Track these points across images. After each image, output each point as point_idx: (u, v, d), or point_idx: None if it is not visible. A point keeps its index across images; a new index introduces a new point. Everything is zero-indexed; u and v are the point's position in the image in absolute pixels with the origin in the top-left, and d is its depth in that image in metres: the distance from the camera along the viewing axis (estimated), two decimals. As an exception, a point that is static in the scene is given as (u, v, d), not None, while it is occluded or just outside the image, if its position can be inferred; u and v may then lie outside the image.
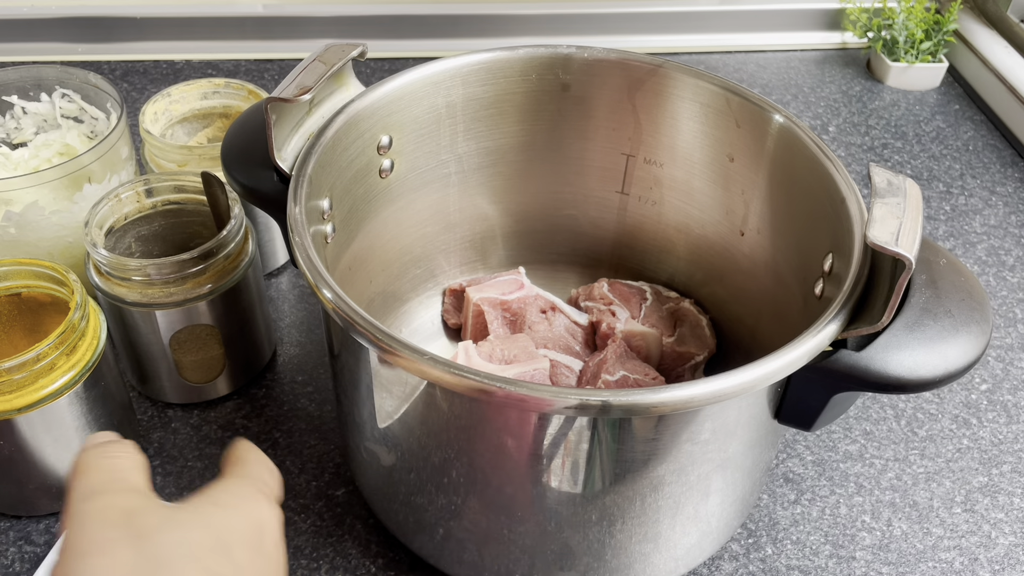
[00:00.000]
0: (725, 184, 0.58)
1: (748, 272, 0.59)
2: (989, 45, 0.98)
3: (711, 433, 0.42)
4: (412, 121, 0.56)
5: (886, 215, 0.40)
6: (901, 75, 0.98)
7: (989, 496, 0.60)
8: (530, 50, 0.58)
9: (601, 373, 0.58)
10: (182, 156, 0.65)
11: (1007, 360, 0.70)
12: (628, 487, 0.44)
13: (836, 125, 0.94)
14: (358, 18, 0.98)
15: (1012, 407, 0.66)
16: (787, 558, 0.56)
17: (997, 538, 0.58)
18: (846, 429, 0.64)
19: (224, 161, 0.51)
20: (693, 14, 1.02)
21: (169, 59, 0.97)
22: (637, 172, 0.62)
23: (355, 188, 0.54)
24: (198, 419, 0.62)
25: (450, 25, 1.00)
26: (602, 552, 0.47)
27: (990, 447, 0.63)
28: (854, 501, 0.60)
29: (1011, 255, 0.79)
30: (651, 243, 0.65)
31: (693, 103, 0.57)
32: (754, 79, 1.00)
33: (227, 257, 0.58)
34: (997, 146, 0.92)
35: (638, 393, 0.37)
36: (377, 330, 0.39)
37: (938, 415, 0.65)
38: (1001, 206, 0.85)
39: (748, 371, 0.38)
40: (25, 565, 0.54)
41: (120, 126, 0.64)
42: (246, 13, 0.97)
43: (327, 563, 0.54)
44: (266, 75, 0.96)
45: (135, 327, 0.59)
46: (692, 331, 0.63)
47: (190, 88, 0.71)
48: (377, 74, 0.97)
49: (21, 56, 0.96)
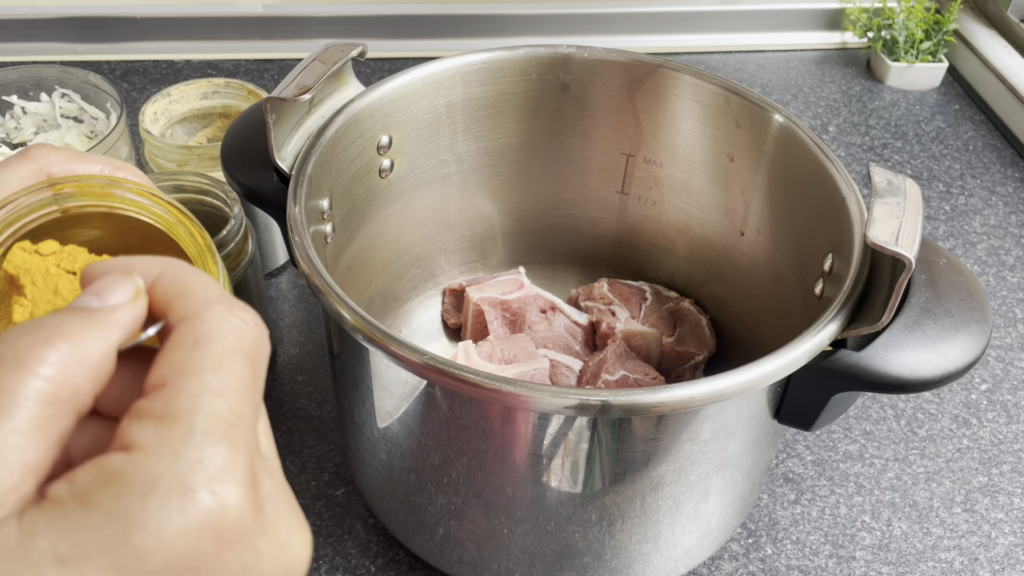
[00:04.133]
0: (725, 184, 0.58)
1: (748, 272, 0.59)
2: (989, 45, 0.98)
3: (711, 433, 0.42)
4: (412, 121, 0.56)
5: (886, 215, 0.40)
6: (901, 75, 0.98)
7: (989, 496, 0.60)
8: (530, 50, 0.58)
9: (601, 373, 0.58)
10: (182, 156, 0.65)
11: (1007, 360, 0.70)
12: (628, 487, 0.44)
13: (836, 125, 0.94)
14: (358, 18, 0.98)
15: (1012, 407, 0.66)
16: (787, 558, 0.56)
17: (997, 538, 0.58)
18: (846, 429, 0.64)
19: (224, 161, 0.51)
20: (693, 14, 1.02)
21: (169, 59, 0.97)
22: (637, 172, 0.62)
23: (355, 188, 0.54)
24: (198, 419, 0.62)
25: (450, 25, 1.00)
26: (602, 552, 0.47)
27: (990, 447, 0.63)
28: (854, 501, 0.60)
29: (1011, 255, 0.79)
30: (651, 243, 0.65)
31: (693, 103, 0.57)
32: (754, 79, 1.00)
33: (227, 257, 0.58)
34: (997, 146, 0.92)
35: (638, 393, 0.37)
36: (377, 330, 0.39)
37: (938, 415, 0.65)
38: (1001, 206, 0.85)
39: (748, 371, 0.38)
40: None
41: (120, 126, 0.64)
42: (246, 13, 0.97)
43: (327, 563, 0.54)
44: (266, 75, 0.96)
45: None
46: (692, 331, 0.63)
47: (190, 88, 0.71)
48: (377, 74, 0.97)
49: (21, 56, 0.96)
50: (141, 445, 0.21)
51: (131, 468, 0.20)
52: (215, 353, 0.22)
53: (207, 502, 0.20)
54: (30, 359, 0.21)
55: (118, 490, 0.20)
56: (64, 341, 0.22)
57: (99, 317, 0.23)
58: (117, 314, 0.23)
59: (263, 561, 0.22)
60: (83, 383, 0.22)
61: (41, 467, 0.21)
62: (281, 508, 0.23)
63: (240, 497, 0.21)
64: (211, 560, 0.21)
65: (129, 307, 0.23)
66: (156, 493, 0.20)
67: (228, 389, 0.22)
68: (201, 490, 0.20)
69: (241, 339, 0.23)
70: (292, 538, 0.23)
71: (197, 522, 0.20)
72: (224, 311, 0.23)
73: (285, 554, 0.23)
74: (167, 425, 0.21)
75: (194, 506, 0.20)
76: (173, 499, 0.20)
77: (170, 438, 0.21)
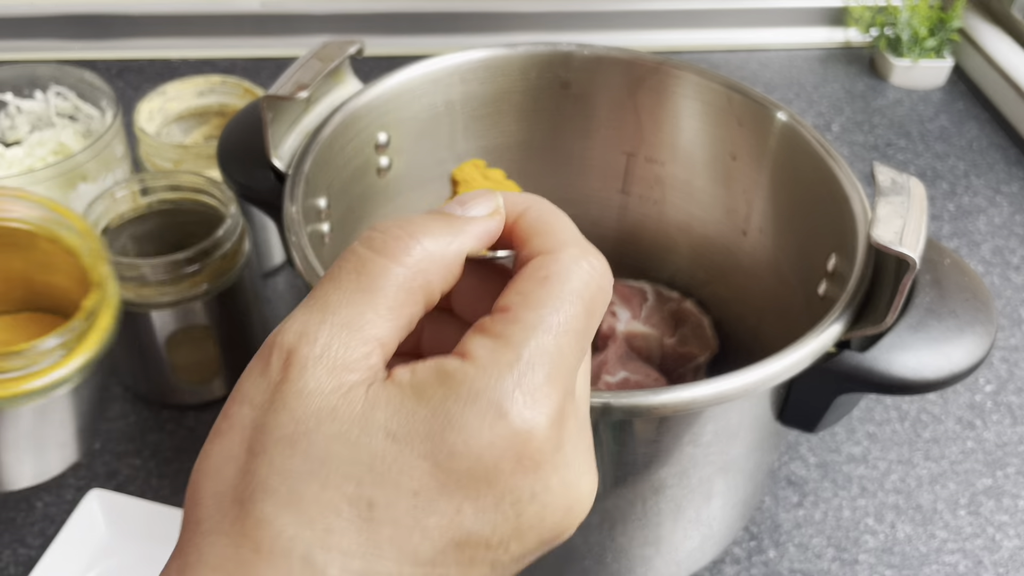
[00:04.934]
0: (727, 183, 0.58)
1: (750, 272, 0.59)
2: (994, 43, 0.97)
3: (713, 435, 0.42)
4: (410, 119, 0.56)
5: (890, 214, 0.40)
6: (905, 73, 0.98)
7: (994, 498, 0.60)
8: (530, 47, 0.57)
9: (602, 374, 0.57)
10: (178, 155, 0.65)
11: (1012, 361, 0.69)
12: (629, 490, 0.43)
13: (839, 123, 0.93)
14: (355, 15, 0.98)
15: (1017, 408, 0.66)
16: (790, 561, 0.56)
17: (1002, 541, 0.57)
18: (850, 431, 0.63)
19: (220, 159, 0.50)
20: (695, 11, 1.01)
21: (165, 57, 0.97)
22: (638, 171, 0.62)
23: (353, 187, 0.54)
24: (193, 420, 0.62)
25: (449, 22, 0.99)
26: (603, 556, 0.46)
27: (995, 449, 0.63)
28: (858, 504, 0.59)
29: (1016, 255, 0.79)
30: (652, 242, 0.65)
31: (695, 101, 0.57)
32: (757, 77, 0.99)
33: (223, 257, 0.58)
34: (1002, 145, 0.91)
35: (639, 395, 0.37)
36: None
37: (942, 417, 0.65)
38: (1006, 205, 0.84)
39: (751, 372, 0.38)
40: (19, 568, 0.53)
41: (115, 124, 0.64)
42: (242, 10, 0.97)
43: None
44: (262, 73, 0.96)
45: (130, 328, 0.58)
46: (694, 331, 0.62)
47: (186, 86, 0.70)
48: (375, 71, 0.96)
49: (15, 54, 0.95)
50: (475, 358, 0.23)
51: (461, 376, 0.23)
52: (559, 293, 0.24)
53: (516, 426, 0.22)
54: (397, 249, 0.24)
55: (446, 392, 0.22)
56: (427, 238, 0.24)
57: (458, 224, 0.25)
58: (473, 224, 0.26)
59: (550, 494, 0.23)
60: (435, 279, 0.24)
61: (389, 344, 0.24)
62: (580, 449, 0.25)
63: (545, 429, 0.23)
64: (505, 479, 0.23)
65: (484, 221, 0.26)
66: (476, 405, 0.22)
67: (561, 329, 0.24)
68: (513, 415, 0.22)
69: (586, 285, 0.25)
70: (581, 479, 0.24)
71: (502, 441, 0.22)
72: (577, 255, 0.25)
73: (571, 493, 0.24)
74: (500, 347, 0.23)
75: (503, 427, 0.22)
76: (488, 416, 0.22)
77: (499, 360, 0.23)
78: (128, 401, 0.63)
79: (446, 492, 0.22)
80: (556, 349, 0.24)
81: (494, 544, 0.23)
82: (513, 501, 0.23)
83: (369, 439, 0.22)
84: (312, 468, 0.22)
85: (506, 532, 0.23)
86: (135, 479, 0.58)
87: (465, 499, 0.22)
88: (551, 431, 0.23)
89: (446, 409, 0.22)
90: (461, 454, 0.22)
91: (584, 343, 0.25)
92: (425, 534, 0.22)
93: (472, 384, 0.23)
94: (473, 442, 0.22)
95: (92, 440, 0.60)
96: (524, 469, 0.23)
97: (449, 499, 0.22)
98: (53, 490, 0.57)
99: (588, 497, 0.25)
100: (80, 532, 0.53)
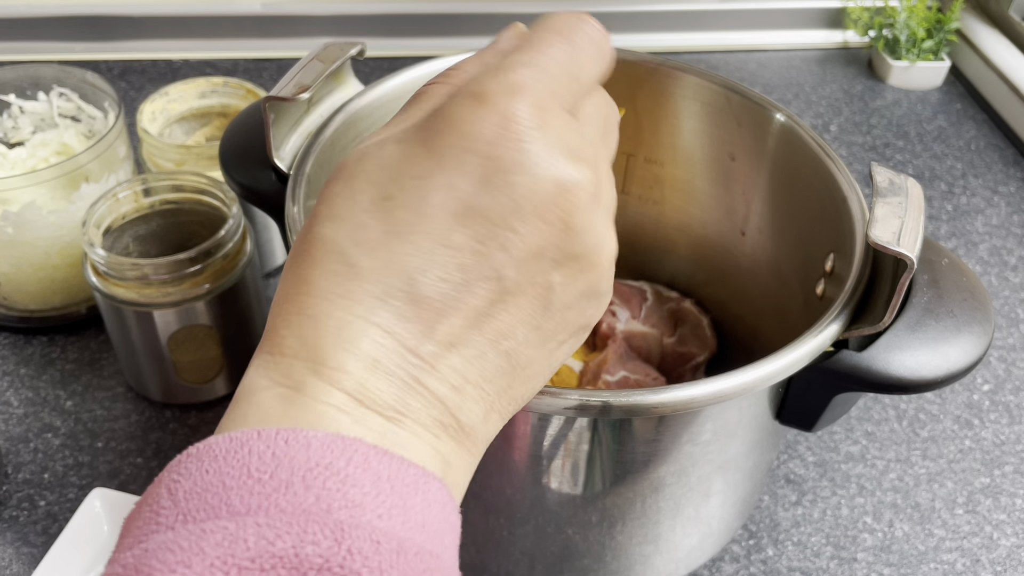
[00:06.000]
0: (726, 183, 0.58)
1: (749, 272, 0.59)
2: (991, 44, 0.97)
3: (712, 434, 0.42)
4: (411, 120, 0.56)
5: (888, 215, 0.40)
6: (903, 74, 0.98)
7: (991, 497, 0.60)
8: (530, 49, 0.58)
9: (601, 374, 0.58)
10: (180, 155, 0.65)
11: (1009, 360, 0.69)
12: (628, 488, 0.43)
13: (838, 124, 0.93)
14: (357, 17, 0.98)
15: (1014, 408, 0.66)
16: (788, 559, 0.56)
17: (999, 539, 0.58)
18: (848, 430, 0.64)
19: (222, 160, 0.50)
20: (694, 13, 1.02)
21: (167, 58, 0.97)
22: (638, 171, 0.62)
23: (354, 187, 0.54)
24: (196, 420, 0.62)
25: (450, 23, 0.99)
26: (602, 554, 0.47)
27: (992, 448, 0.63)
28: (856, 502, 0.59)
29: (1013, 255, 0.79)
30: (652, 242, 0.65)
31: (694, 102, 0.57)
32: (755, 78, 0.99)
33: (225, 257, 0.58)
34: (999, 145, 0.92)
35: (639, 394, 0.37)
36: (375, 330, 0.39)
37: (940, 416, 0.65)
38: (1003, 206, 0.84)
39: (749, 372, 0.38)
40: (23, 567, 0.54)
41: (118, 125, 0.64)
42: (244, 12, 0.97)
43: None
44: (264, 74, 0.96)
45: (132, 327, 0.58)
46: (693, 331, 0.63)
47: (188, 87, 0.70)
48: (376, 73, 0.96)
49: (18, 55, 0.95)
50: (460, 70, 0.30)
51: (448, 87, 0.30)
52: (535, 31, 0.30)
53: (498, 106, 0.27)
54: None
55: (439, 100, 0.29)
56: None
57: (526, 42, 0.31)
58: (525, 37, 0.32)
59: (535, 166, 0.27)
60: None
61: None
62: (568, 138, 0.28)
63: (524, 110, 0.27)
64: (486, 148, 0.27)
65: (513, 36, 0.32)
66: (457, 97, 0.28)
67: (536, 49, 0.29)
68: (491, 98, 0.27)
69: (565, 23, 0.30)
70: (568, 162, 0.28)
71: (481, 120, 0.27)
72: (567, 13, 0.30)
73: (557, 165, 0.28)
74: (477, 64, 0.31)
75: (483, 110, 0.27)
76: (468, 102, 0.27)
77: (481, 69, 0.29)
78: (131, 400, 0.63)
79: (439, 168, 0.27)
80: (531, 61, 0.28)
81: (494, 218, 0.26)
82: (497, 169, 0.26)
83: (379, 150, 0.28)
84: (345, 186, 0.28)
85: (503, 205, 0.26)
86: (137, 478, 0.58)
87: (456, 173, 0.26)
88: (531, 112, 0.27)
89: (439, 108, 0.28)
90: (445, 131, 0.27)
91: (570, 66, 0.29)
92: (432, 213, 0.26)
93: (453, 87, 0.29)
94: (457, 123, 0.27)
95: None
96: (504, 139, 0.26)
97: (442, 173, 0.27)
98: (56, 489, 0.57)
99: (575, 176, 0.28)
100: (83, 531, 0.53)
